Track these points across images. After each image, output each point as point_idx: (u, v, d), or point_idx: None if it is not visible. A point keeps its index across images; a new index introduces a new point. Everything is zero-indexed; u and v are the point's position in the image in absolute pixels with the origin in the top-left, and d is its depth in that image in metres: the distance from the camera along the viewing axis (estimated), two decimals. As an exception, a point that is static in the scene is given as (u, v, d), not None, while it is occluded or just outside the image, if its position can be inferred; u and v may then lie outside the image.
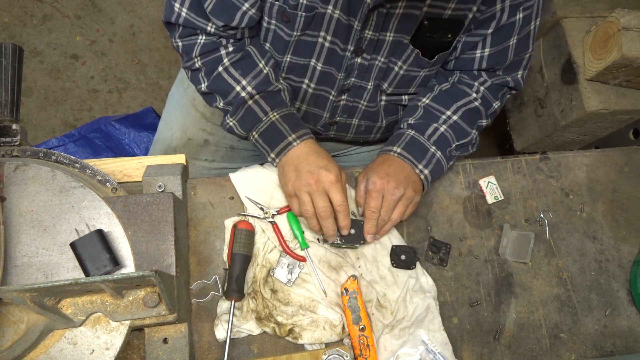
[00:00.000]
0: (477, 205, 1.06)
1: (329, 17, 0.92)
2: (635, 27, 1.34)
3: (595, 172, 1.12)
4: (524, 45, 1.02)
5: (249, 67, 0.99)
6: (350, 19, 0.92)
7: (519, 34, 0.99)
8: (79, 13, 2.28)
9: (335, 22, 0.92)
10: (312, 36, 0.95)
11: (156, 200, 0.85)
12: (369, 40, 0.96)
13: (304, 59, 1.00)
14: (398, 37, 0.96)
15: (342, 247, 0.97)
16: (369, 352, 0.89)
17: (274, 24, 0.97)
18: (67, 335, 0.77)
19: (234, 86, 0.98)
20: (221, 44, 0.99)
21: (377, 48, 0.98)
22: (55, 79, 2.19)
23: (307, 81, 1.04)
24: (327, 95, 1.08)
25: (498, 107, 1.09)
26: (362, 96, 1.09)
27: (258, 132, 1.00)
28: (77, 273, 0.79)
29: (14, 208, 0.80)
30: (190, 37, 0.99)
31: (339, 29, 0.93)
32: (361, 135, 1.22)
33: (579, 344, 0.99)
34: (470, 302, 0.99)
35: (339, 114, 1.14)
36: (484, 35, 0.99)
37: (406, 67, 1.02)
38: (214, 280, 0.92)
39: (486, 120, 1.09)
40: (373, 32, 0.95)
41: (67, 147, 1.83)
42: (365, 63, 1.01)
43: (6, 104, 0.86)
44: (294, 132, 0.96)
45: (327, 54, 0.98)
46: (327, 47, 0.97)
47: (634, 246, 1.07)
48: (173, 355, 0.83)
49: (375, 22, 0.93)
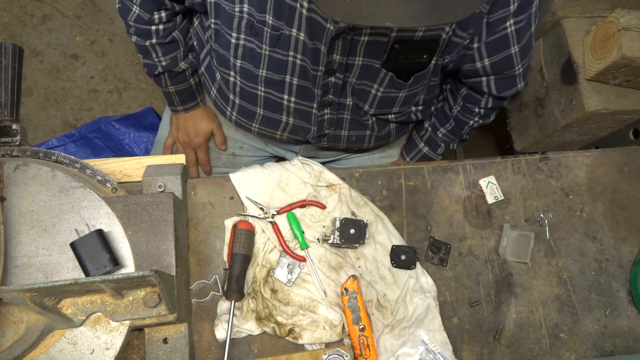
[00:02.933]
0: (477, 205, 1.06)
1: (294, 39, 0.91)
2: (635, 27, 1.34)
3: (595, 172, 1.12)
4: (529, 48, 1.03)
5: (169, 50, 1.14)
6: (315, 43, 0.91)
7: (519, 43, 1.00)
8: (79, 13, 2.28)
9: (302, 44, 0.92)
10: (282, 54, 0.95)
11: (156, 200, 0.85)
12: (339, 63, 0.95)
13: (278, 75, 0.99)
14: (368, 61, 0.95)
15: (342, 247, 0.97)
16: (369, 352, 0.89)
17: (243, 38, 0.95)
18: (67, 335, 0.77)
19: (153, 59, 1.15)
20: (153, 21, 1.08)
21: (348, 69, 0.98)
22: (55, 79, 2.19)
23: (287, 96, 1.04)
24: (309, 109, 1.07)
25: (492, 119, 1.22)
26: (344, 110, 1.08)
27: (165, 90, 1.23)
28: (77, 273, 0.79)
29: (14, 208, 0.80)
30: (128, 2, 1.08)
31: (306, 50, 0.93)
32: (354, 144, 1.22)
33: (579, 344, 0.99)
34: (470, 302, 0.99)
35: (326, 127, 1.13)
36: (473, 49, 1.01)
37: (383, 90, 1.01)
38: (214, 280, 0.92)
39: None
40: (341, 57, 0.94)
41: (67, 147, 1.82)
42: (340, 82, 1.00)
43: (6, 104, 0.86)
44: (182, 105, 1.25)
45: (300, 71, 0.98)
46: (299, 64, 0.96)
47: (634, 246, 1.07)
48: (173, 355, 0.83)
49: (341, 47, 0.92)
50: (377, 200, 1.04)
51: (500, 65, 1.04)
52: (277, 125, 1.12)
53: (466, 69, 1.07)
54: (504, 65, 1.04)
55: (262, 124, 1.13)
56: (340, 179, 1.02)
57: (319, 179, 1.01)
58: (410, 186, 1.06)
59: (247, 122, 1.14)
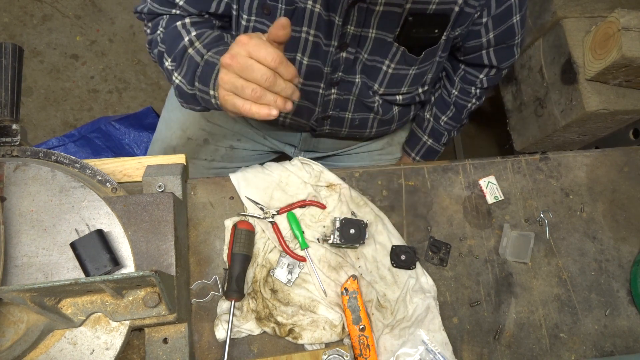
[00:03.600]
0: (477, 205, 1.06)
1: (309, 12, 0.91)
2: (635, 27, 1.34)
3: (595, 172, 1.12)
4: (525, 15, 1.07)
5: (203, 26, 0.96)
6: (330, 15, 0.91)
7: (520, 11, 1.03)
8: (79, 13, 2.28)
9: (317, 17, 0.92)
10: (295, 31, 0.95)
11: (156, 200, 0.85)
12: (352, 35, 0.95)
13: (289, 53, 0.99)
14: (381, 34, 0.96)
15: (342, 247, 0.97)
16: (369, 352, 0.89)
17: (254, 19, 0.95)
18: (67, 335, 0.77)
19: (183, 36, 0.93)
20: (183, 16, 0.97)
21: (360, 43, 0.98)
22: (55, 79, 2.19)
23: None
24: (317, 89, 1.07)
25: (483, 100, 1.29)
26: (352, 91, 1.09)
27: (197, 79, 0.89)
28: (77, 273, 0.79)
29: (14, 208, 0.80)
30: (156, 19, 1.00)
31: (321, 23, 0.93)
32: (356, 129, 1.22)
33: (579, 344, 0.99)
34: (470, 302, 0.99)
35: (331, 108, 1.14)
36: (481, 24, 1.02)
37: (394, 66, 1.02)
38: (214, 280, 0.92)
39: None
40: (355, 28, 0.94)
41: (67, 147, 1.83)
42: (351, 57, 1.01)
43: (6, 104, 0.86)
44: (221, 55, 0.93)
45: (312, 48, 0.98)
46: (312, 40, 0.96)
47: (634, 246, 1.07)
48: (173, 355, 0.83)
49: (356, 18, 0.92)
50: (377, 200, 1.04)
51: (503, 35, 1.07)
52: None
53: (470, 45, 1.10)
54: (506, 35, 1.07)
55: None
56: (340, 179, 1.02)
57: (319, 179, 1.01)
58: (410, 186, 1.06)
59: None
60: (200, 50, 0.91)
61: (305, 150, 1.34)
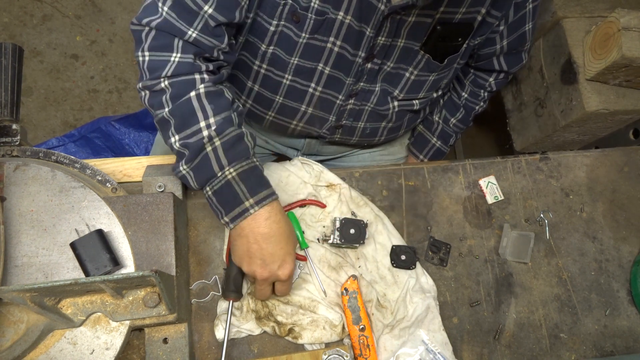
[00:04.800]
0: (477, 205, 1.06)
1: (339, 22, 0.91)
2: (635, 27, 1.34)
3: (595, 172, 1.12)
4: (536, 22, 1.08)
5: (221, 105, 0.83)
6: (362, 26, 0.92)
7: (532, 19, 1.05)
8: (79, 13, 2.28)
9: (346, 28, 0.92)
10: (321, 41, 0.95)
11: (156, 200, 0.85)
12: (381, 46, 0.96)
13: (311, 62, 0.99)
14: (409, 43, 0.97)
15: (342, 247, 0.97)
16: (369, 352, 0.89)
17: (283, 24, 0.93)
18: (67, 335, 0.77)
19: (200, 120, 0.80)
20: (199, 68, 0.83)
21: (387, 54, 0.99)
22: (55, 79, 2.19)
23: (314, 85, 1.03)
24: (334, 99, 1.07)
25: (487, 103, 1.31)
26: (370, 99, 1.09)
27: (212, 189, 0.82)
28: (77, 273, 0.79)
29: (14, 208, 0.80)
30: (162, 53, 0.82)
31: (350, 34, 0.93)
32: (366, 138, 1.22)
33: (579, 344, 0.99)
34: (470, 302, 0.99)
35: (345, 118, 1.13)
36: (498, 32, 1.05)
37: (417, 73, 1.04)
38: (214, 280, 0.92)
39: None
40: (386, 39, 0.95)
41: (67, 147, 1.82)
42: (376, 67, 1.01)
43: (6, 104, 0.86)
44: (252, 196, 0.80)
45: (336, 59, 0.98)
46: (337, 51, 0.96)
47: (634, 246, 1.07)
48: (173, 355, 0.83)
49: (388, 29, 0.93)
50: (377, 200, 1.04)
51: (516, 42, 1.09)
52: (294, 114, 1.11)
53: (484, 53, 1.12)
54: (519, 42, 1.09)
55: (278, 113, 1.11)
56: (340, 179, 1.02)
57: (318, 178, 1.01)
58: (410, 186, 1.06)
59: (262, 110, 1.12)
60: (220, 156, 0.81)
61: (308, 154, 1.33)
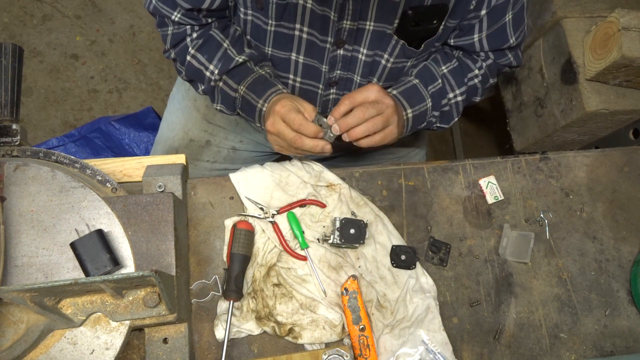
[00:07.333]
0: (477, 205, 1.06)
1: (302, 7, 0.90)
2: (635, 27, 1.34)
3: (595, 172, 1.12)
4: (520, 19, 1.02)
5: (212, 50, 1.01)
6: (324, 10, 0.90)
7: (513, 9, 0.99)
8: (79, 13, 2.28)
9: (310, 13, 0.91)
10: (288, 28, 0.94)
11: (156, 200, 0.85)
12: (349, 30, 0.94)
13: (284, 52, 0.99)
14: (380, 27, 0.94)
15: (342, 247, 0.97)
16: (369, 352, 0.89)
17: (250, 13, 0.96)
18: (67, 335, 0.77)
19: (204, 72, 1.01)
20: (186, 32, 1.01)
21: (357, 39, 0.97)
22: (55, 79, 2.19)
23: (292, 76, 1.04)
24: (315, 89, 1.07)
25: (493, 82, 1.15)
26: (351, 89, 1.08)
27: (239, 107, 1.04)
28: (77, 273, 0.79)
29: (14, 208, 0.80)
30: (163, 28, 1.02)
31: (314, 19, 0.92)
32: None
33: (579, 344, 0.99)
34: (470, 302, 0.99)
35: (330, 109, 1.13)
36: (479, 17, 0.99)
37: (393, 60, 1.01)
38: (214, 280, 0.92)
39: (480, 97, 1.14)
40: (351, 22, 0.93)
41: (67, 147, 1.83)
42: (349, 55, 1.00)
43: (6, 104, 0.86)
44: (260, 98, 0.99)
45: (307, 47, 0.97)
46: (306, 39, 0.96)
47: (634, 246, 1.07)
48: (173, 355, 0.83)
49: (352, 11, 0.91)
50: (377, 200, 1.04)
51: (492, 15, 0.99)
52: None
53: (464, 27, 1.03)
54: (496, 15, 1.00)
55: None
56: (340, 179, 1.02)
57: (319, 178, 1.01)
58: (410, 186, 1.06)
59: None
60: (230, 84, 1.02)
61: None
